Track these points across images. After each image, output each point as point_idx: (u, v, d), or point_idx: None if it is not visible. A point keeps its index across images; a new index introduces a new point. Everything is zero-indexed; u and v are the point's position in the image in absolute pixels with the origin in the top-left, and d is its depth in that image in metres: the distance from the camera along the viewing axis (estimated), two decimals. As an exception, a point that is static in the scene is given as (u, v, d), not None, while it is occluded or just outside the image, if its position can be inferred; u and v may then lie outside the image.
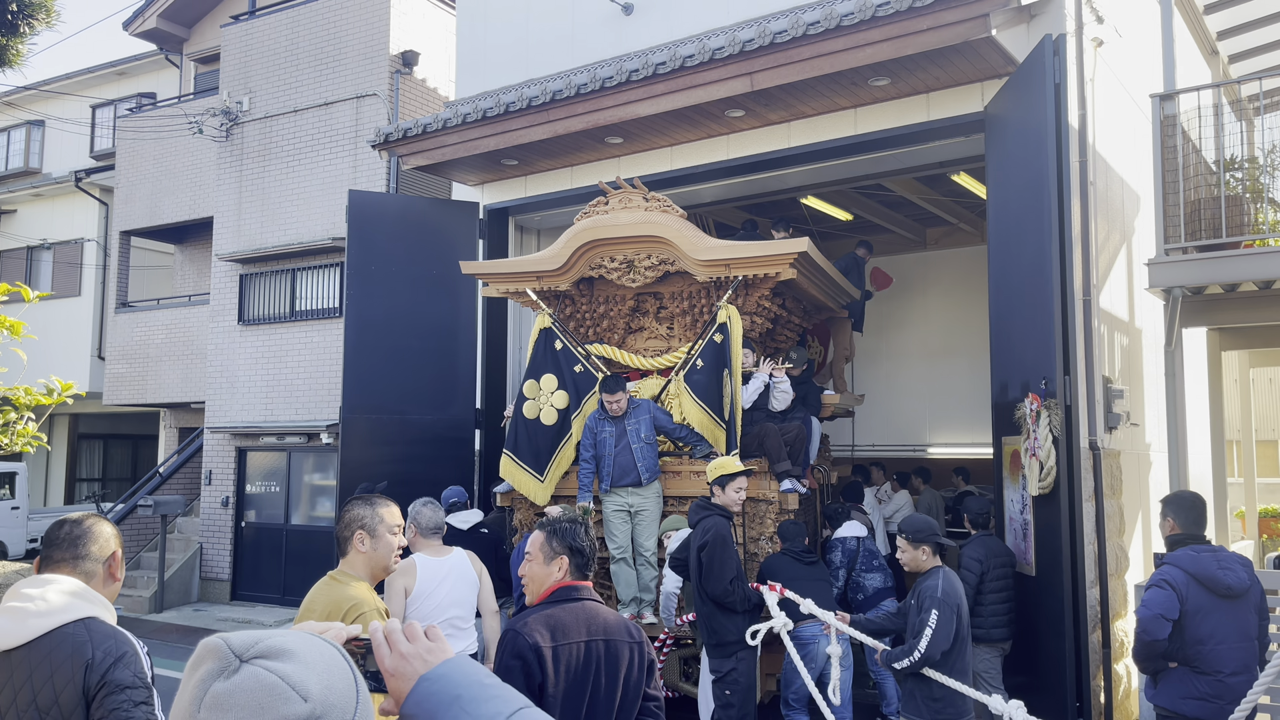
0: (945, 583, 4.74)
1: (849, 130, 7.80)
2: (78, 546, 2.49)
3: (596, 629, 3.03)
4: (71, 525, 2.53)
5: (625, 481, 6.82)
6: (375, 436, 9.25)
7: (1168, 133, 7.03)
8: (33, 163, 20.17)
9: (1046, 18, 6.86)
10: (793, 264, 6.81)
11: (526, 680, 2.85)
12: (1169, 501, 4.62)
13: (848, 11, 6.65)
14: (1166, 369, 7.37)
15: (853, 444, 12.94)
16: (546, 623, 2.99)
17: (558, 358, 7.49)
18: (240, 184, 13.64)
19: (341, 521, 3.28)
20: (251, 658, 1.06)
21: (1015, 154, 6.55)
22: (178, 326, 15.39)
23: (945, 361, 12.79)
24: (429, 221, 9.67)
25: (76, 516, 2.59)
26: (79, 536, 2.50)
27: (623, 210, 7.24)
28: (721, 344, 6.94)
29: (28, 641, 2.30)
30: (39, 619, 2.30)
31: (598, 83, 7.87)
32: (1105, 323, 7.14)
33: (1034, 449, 5.95)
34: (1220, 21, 10.17)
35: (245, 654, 1.07)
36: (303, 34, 13.29)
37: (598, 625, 3.04)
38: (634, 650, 3.07)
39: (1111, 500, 6.87)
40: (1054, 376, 5.87)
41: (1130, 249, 8.07)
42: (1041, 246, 6.02)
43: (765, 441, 6.92)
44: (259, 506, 13.63)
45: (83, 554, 2.49)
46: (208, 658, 1.07)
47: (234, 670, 1.05)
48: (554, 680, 2.90)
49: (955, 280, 12.82)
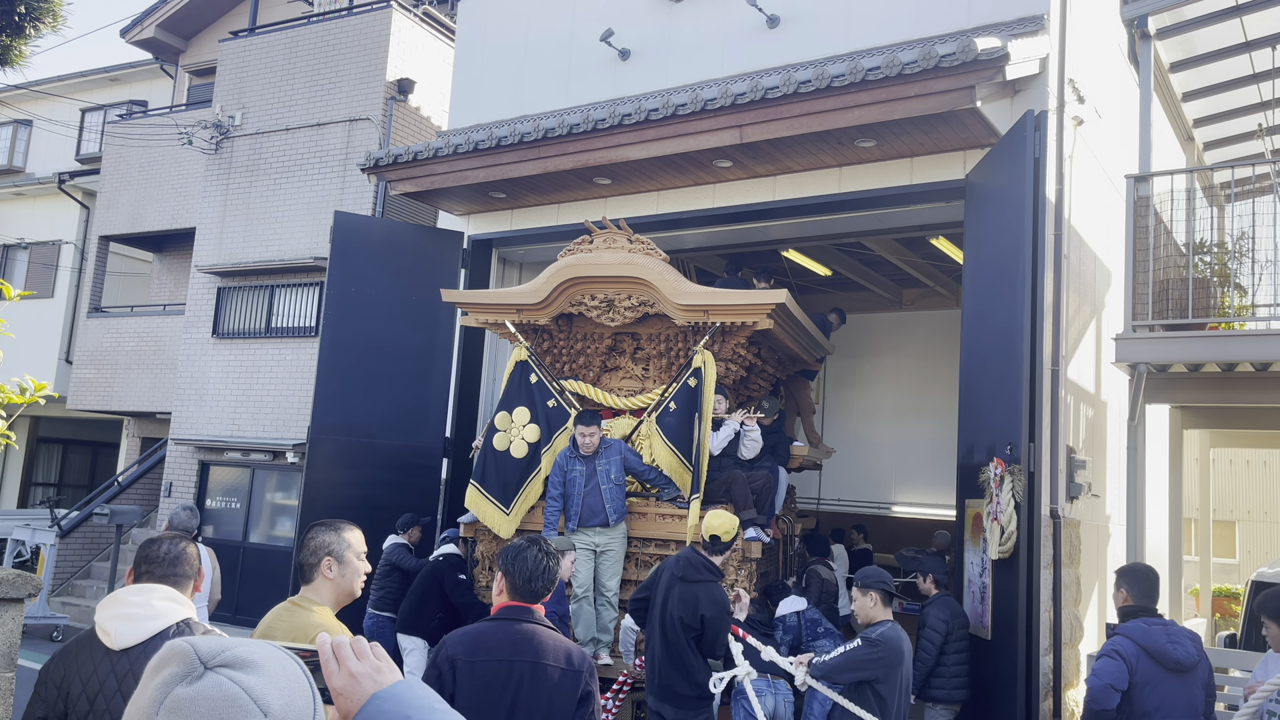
0: (890, 631, 4.77)
1: (833, 188, 7.95)
2: (175, 566, 2.86)
3: (526, 650, 3.06)
4: (169, 546, 2.90)
5: (594, 522, 6.78)
6: (342, 458, 9.20)
7: (1141, 213, 7.23)
8: (16, 161, 20.05)
9: (1030, 94, 7.06)
10: (770, 315, 6.87)
11: (439, 690, 2.93)
12: (1123, 573, 4.70)
13: (839, 73, 6.81)
14: (1129, 443, 7.50)
15: (818, 497, 13.00)
16: (472, 638, 3.12)
17: (532, 391, 7.47)
18: (226, 197, 13.64)
19: (306, 548, 3.24)
20: (216, 666, 1.06)
21: (993, 223, 6.71)
22: (150, 335, 15.27)
23: (914, 421, 12.92)
24: (412, 247, 9.71)
25: (167, 537, 2.94)
26: (176, 557, 2.87)
27: (606, 250, 7.29)
28: (695, 388, 6.95)
29: (141, 642, 2.65)
30: (149, 622, 2.66)
31: (590, 124, 7.98)
32: (1072, 393, 7.27)
33: (996, 513, 6.02)
34: (1197, 109, 10.49)
35: (210, 661, 1.06)
36: (301, 54, 13.38)
37: (529, 647, 3.07)
38: (566, 676, 3.09)
39: (1069, 569, 6.95)
40: (1019, 443, 5.97)
41: (1099, 323, 8.24)
42: (1014, 315, 6.15)
43: (732, 488, 6.92)
44: (218, 522, 13.46)
45: (179, 572, 2.87)
46: (172, 661, 1.06)
47: (197, 676, 1.04)
48: (464, 693, 3.01)
49: (928, 342, 12.99)
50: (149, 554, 2.88)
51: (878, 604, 4.85)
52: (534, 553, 3.22)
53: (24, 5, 3.67)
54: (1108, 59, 8.67)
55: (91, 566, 13.96)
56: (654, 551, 7.03)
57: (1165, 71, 9.35)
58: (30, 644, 10.17)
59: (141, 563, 2.87)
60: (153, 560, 2.87)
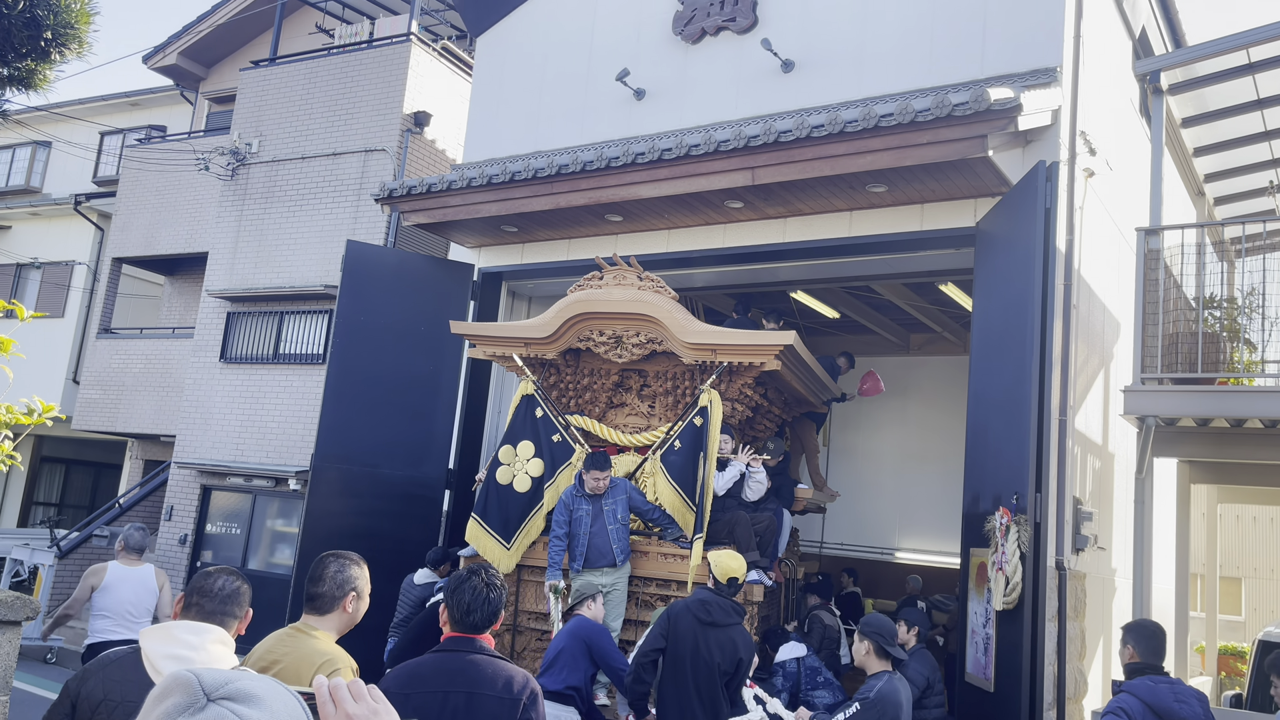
0: (886, 685, 4.68)
1: (843, 231, 7.98)
2: (228, 604, 2.80)
3: (461, 681, 3.05)
4: (225, 581, 2.83)
5: (600, 563, 6.72)
6: (344, 487, 9.17)
7: (1151, 266, 7.23)
8: (34, 182, 20.24)
9: (1041, 144, 7.10)
10: (778, 355, 6.87)
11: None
12: (1130, 629, 4.64)
13: (851, 119, 6.86)
14: (1136, 496, 7.45)
15: (821, 541, 12.91)
16: (410, 670, 3.12)
17: (537, 425, 7.45)
18: (239, 223, 13.74)
19: (330, 580, 3.23)
20: (220, 698, 1.05)
21: (1002, 271, 6.71)
22: (158, 357, 15.31)
23: (919, 467, 12.85)
24: (422, 278, 9.75)
25: (223, 572, 2.87)
26: (231, 594, 2.81)
27: (616, 286, 7.31)
28: (701, 427, 6.93)
29: None
30: None
31: (603, 161, 8.04)
32: (1079, 444, 7.23)
33: (1001, 563, 5.97)
34: (1208, 165, 10.53)
35: (214, 693, 1.05)
36: (319, 85, 13.54)
37: (465, 678, 3.06)
38: (503, 705, 3.06)
39: (1074, 622, 6.87)
40: (1025, 492, 5.93)
41: (1108, 374, 8.22)
42: (1022, 363, 6.14)
43: (735, 530, 6.87)
44: (217, 547, 13.40)
45: (232, 611, 2.81)
46: (176, 690, 1.06)
47: (200, 708, 1.04)
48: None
49: (935, 387, 12.96)
50: (203, 586, 2.81)
51: (871, 654, 4.75)
52: (474, 583, 3.19)
53: (50, 30, 3.73)
54: (1119, 112, 8.72)
55: (89, 588, 13.89)
56: (655, 591, 6.97)
57: (1177, 126, 9.40)
58: (25, 666, 10.10)
59: (195, 594, 2.80)
60: (206, 594, 2.79)
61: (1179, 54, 8.16)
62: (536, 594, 7.25)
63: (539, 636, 7.18)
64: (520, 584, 7.35)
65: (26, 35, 3.75)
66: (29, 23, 3.70)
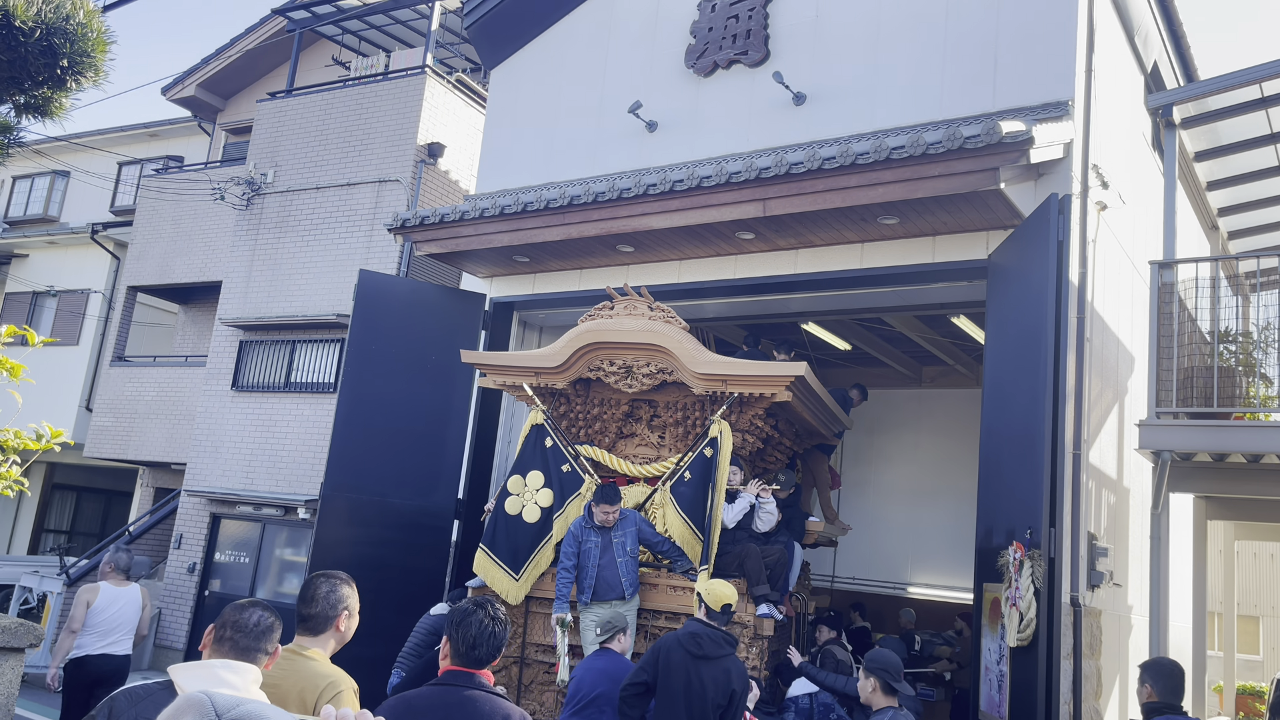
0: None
1: (855, 263, 7.97)
2: (261, 640, 2.73)
3: (458, 715, 3.01)
4: (261, 617, 2.76)
5: (609, 596, 6.65)
6: (353, 516, 9.14)
7: (1165, 299, 7.19)
8: (52, 211, 20.46)
9: (1054, 177, 7.09)
10: (789, 387, 6.84)
11: None
12: (1148, 668, 4.56)
13: (863, 150, 6.87)
14: (1152, 532, 7.35)
15: (833, 574, 12.79)
16: (407, 702, 3.06)
17: (546, 455, 7.41)
18: (253, 252, 13.83)
19: (323, 600, 3.23)
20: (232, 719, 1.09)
21: (1015, 304, 6.68)
22: (170, 385, 15.36)
23: (931, 501, 12.75)
24: (434, 308, 9.77)
25: (257, 605, 2.79)
26: (266, 630, 2.75)
27: (627, 316, 7.29)
28: (711, 458, 6.89)
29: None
30: None
31: (615, 192, 8.06)
32: (1093, 479, 7.16)
33: (1015, 599, 5.89)
34: (1222, 199, 10.50)
35: (226, 714, 1.10)
36: (334, 116, 13.67)
37: (462, 712, 3.01)
38: None
39: (1090, 660, 6.76)
40: (1039, 527, 5.86)
41: (1122, 408, 8.15)
42: (1035, 397, 6.09)
43: (746, 562, 6.80)
44: (225, 576, 13.36)
45: (265, 648, 2.75)
46: (189, 710, 1.10)
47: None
48: None
49: (947, 420, 12.88)
50: (238, 620, 2.74)
51: (877, 690, 4.68)
52: (480, 617, 3.14)
53: (67, 59, 3.77)
54: (1132, 146, 8.72)
55: (96, 616, 13.85)
56: (664, 624, 6.90)
57: (1190, 160, 9.39)
58: (29, 693, 10.04)
59: (228, 627, 2.73)
60: (241, 628, 2.72)
61: (1191, 88, 8.16)
62: (544, 626, 7.18)
63: (546, 669, 7.11)
64: (528, 616, 7.29)
65: (43, 63, 3.79)
66: (45, 51, 3.74)
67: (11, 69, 3.76)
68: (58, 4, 3.76)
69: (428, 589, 8.88)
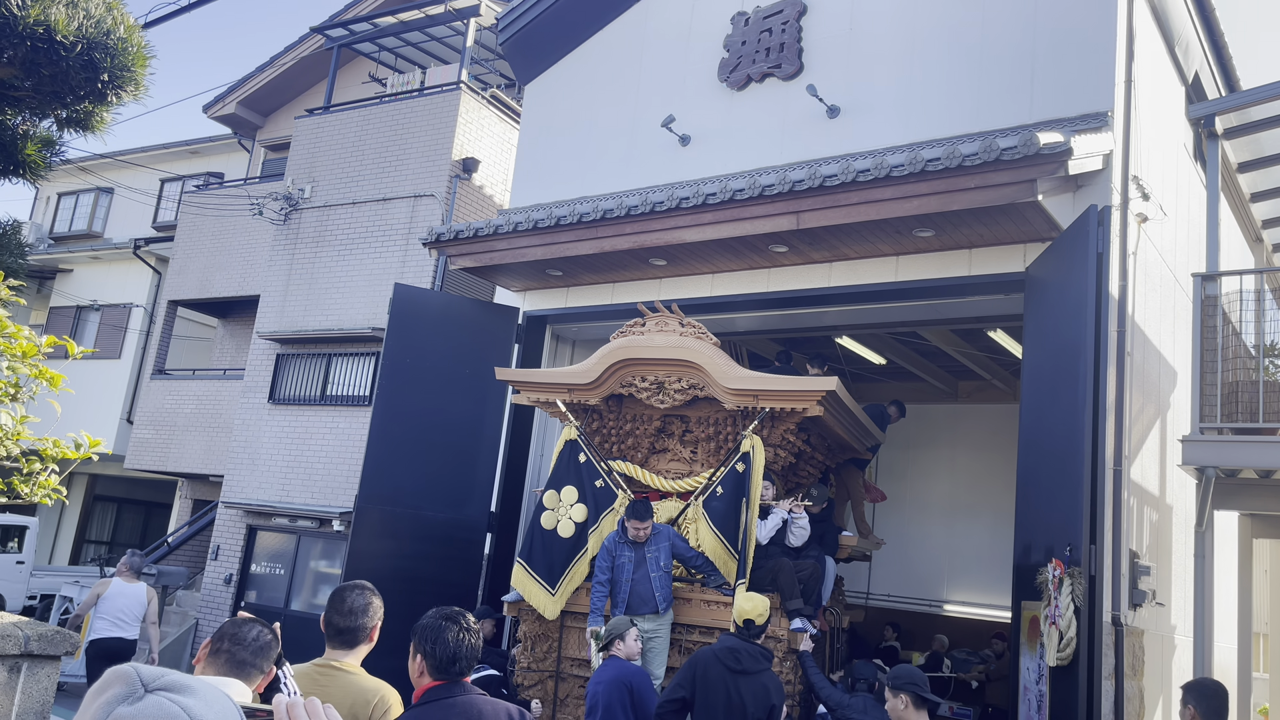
0: None
1: (889, 276, 7.90)
2: (258, 655, 2.71)
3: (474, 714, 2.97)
4: (259, 632, 2.74)
5: (643, 610, 6.67)
6: (387, 529, 9.18)
7: (1208, 313, 7.06)
8: (96, 226, 20.86)
9: (1093, 189, 6.99)
10: (820, 401, 6.81)
11: None
12: (1191, 689, 4.45)
13: (898, 163, 6.82)
14: (1196, 550, 7.20)
15: (867, 591, 12.65)
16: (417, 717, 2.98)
17: (580, 471, 7.46)
18: (291, 266, 13.99)
19: (363, 611, 3.22)
20: (156, 688, 1.13)
21: (1053, 317, 6.59)
22: (209, 398, 15.56)
23: (968, 517, 12.58)
24: (468, 321, 9.82)
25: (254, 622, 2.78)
26: (264, 646, 2.74)
27: (658, 333, 7.31)
28: (743, 473, 6.88)
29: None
30: None
31: (648, 206, 8.06)
32: (1135, 495, 7.02)
33: (1054, 617, 5.78)
34: (1266, 210, 10.31)
35: (151, 684, 1.14)
36: (371, 132, 13.82)
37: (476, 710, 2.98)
38: None
39: (1132, 681, 6.62)
40: (1079, 544, 5.75)
41: (1165, 424, 8.00)
42: (1074, 412, 5.98)
43: (779, 577, 6.77)
44: (261, 587, 13.47)
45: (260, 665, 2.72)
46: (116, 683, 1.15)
47: (139, 697, 1.12)
48: None
49: (984, 436, 12.72)
50: (236, 634, 2.72)
51: (909, 706, 4.62)
52: (455, 631, 3.03)
53: (107, 73, 3.85)
54: (1173, 157, 8.59)
55: (135, 626, 14.02)
56: (698, 639, 6.89)
57: (1233, 171, 9.23)
58: (65, 702, 10.16)
59: (225, 639, 2.71)
60: (239, 642, 2.70)
61: (1233, 98, 8.03)
62: (579, 640, 7.23)
63: (581, 684, 7.10)
64: (563, 630, 7.32)
65: (84, 78, 3.87)
66: (86, 65, 3.82)
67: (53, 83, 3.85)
68: (98, 19, 3.85)
69: (460, 602, 8.83)
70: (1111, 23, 7.27)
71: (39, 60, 3.85)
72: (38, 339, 3.74)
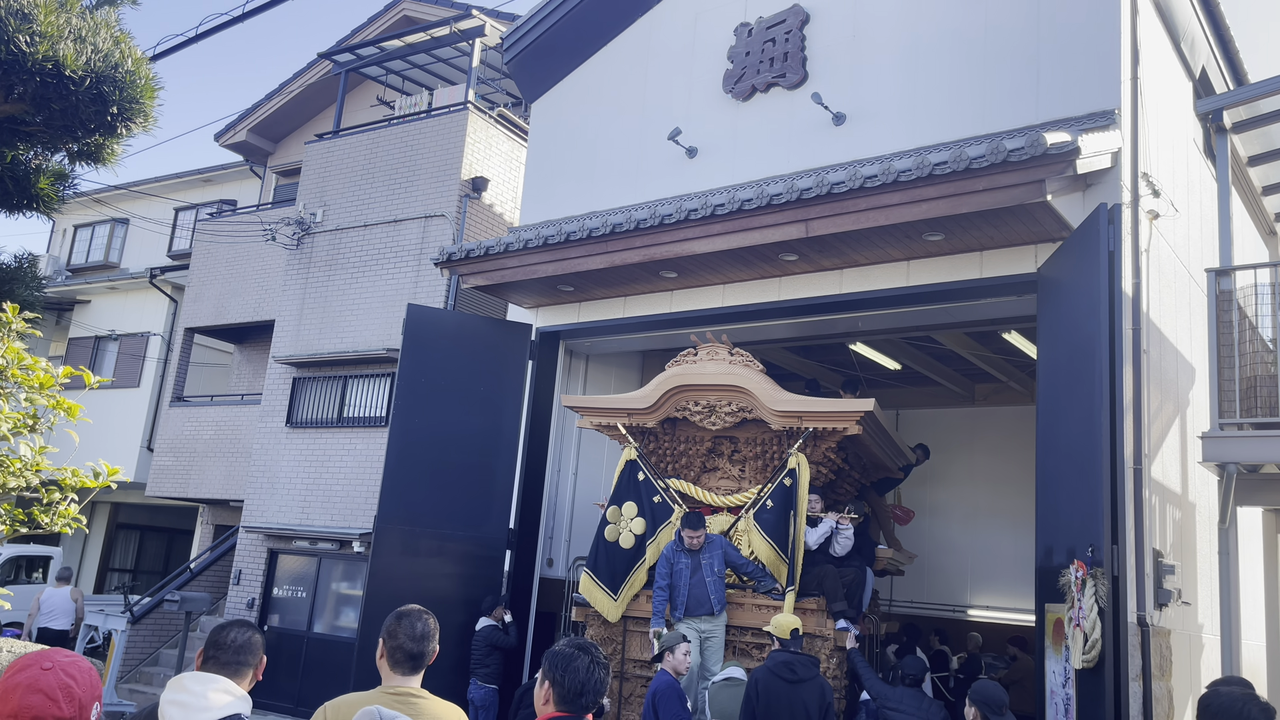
0: None
1: (901, 281, 7.89)
2: (240, 654, 2.88)
3: None
4: (238, 633, 2.92)
5: (700, 611, 7.34)
6: (407, 548, 9.21)
7: (1223, 307, 7.01)
8: (113, 257, 21.06)
9: (1102, 187, 6.97)
10: (859, 421, 7.42)
11: None
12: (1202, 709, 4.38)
13: (905, 168, 6.82)
14: (1220, 547, 7.13)
15: (890, 599, 12.57)
16: None
17: (639, 488, 8.22)
18: (304, 290, 14.08)
19: (434, 635, 3.17)
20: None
21: (1067, 317, 6.55)
22: (227, 424, 15.65)
23: (988, 520, 12.50)
24: (481, 339, 9.85)
25: (236, 624, 2.97)
26: (244, 645, 2.90)
27: (709, 361, 8.03)
28: (790, 488, 7.55)
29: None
30: (201, 714, 2.73)
31: (657, 219, 8.09)
32: (1156, 494, 6.96)
33: (1079, 619, 5.73)
34: (1278, 204, 10.24)
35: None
36: (380, 154, 13.92)
37: None
38: None
39: (1160, 682, 6.55)
40: (1101, 545, 5.70)
41: (1184, 421, 7.94)
42: (1092, 412, 5.94)
43: (824, 582, 7.41)
44: (283, 611, 13.50)
45: (246, 661, 2.90)
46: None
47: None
48: None
49: (1002, 438, 12.64)
50: (218, 639, 2.94)
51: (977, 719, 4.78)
52: (585, 662, 2.87)
53: (117, 106, 3.89)
54: (1183, 153, 8.55)
55: (160, 653, 14.07)
56: (751, 640, 7.60)
57: (1243, 165, 9.18)
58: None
59: (210, 647, 2.93)
60: (220, 646, 2.92)
61: (1241, 91, 7.99)
62: (641, 643, 7.93)
63: (643, 684, 7.78)
64: (626, 634, 8.06)
65: (94, 111, 3.93)
66: (96, 99, 3.87)
67: (64, 117, 3.91)
68: (106, 53, 3.90)
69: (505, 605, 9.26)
70: (1116, 20, 7.26)
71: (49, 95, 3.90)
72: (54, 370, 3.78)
